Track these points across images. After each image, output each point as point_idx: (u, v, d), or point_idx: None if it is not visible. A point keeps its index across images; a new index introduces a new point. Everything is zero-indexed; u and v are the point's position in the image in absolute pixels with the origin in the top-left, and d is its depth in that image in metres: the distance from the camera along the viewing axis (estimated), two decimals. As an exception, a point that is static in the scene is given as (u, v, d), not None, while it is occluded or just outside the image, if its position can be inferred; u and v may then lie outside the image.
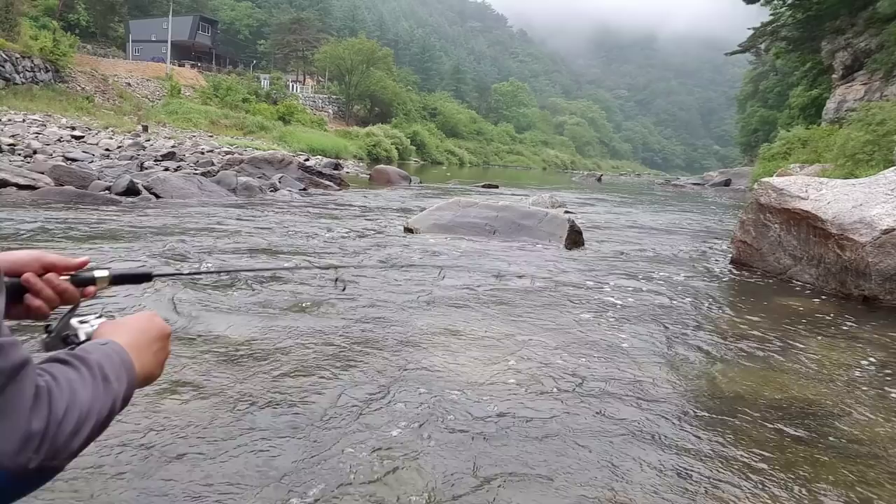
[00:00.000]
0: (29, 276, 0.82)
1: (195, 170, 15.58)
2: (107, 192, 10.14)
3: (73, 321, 0.83)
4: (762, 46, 41.03)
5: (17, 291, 0.81)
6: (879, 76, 26.26)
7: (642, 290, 5.52)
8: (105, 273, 0.90)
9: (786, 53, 38.55)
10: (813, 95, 35.40)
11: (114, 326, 0.80)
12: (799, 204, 5.94)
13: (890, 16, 24.72)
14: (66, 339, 0.81)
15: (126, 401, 0.70)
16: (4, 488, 0.51)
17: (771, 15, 36.54)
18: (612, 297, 5.22)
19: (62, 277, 0.85)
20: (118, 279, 0.93)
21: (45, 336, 0.83)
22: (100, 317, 0.86)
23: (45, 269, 0.84)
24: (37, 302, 0.82)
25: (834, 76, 31.01)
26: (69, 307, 0.86)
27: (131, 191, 10.34)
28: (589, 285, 5.63)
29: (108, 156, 18.34)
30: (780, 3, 34.96)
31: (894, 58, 24.72)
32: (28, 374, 0.53)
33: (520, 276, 5.77)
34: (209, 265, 5.45)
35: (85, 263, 0.89)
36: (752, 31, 39.13)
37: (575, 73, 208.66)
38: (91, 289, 0.88)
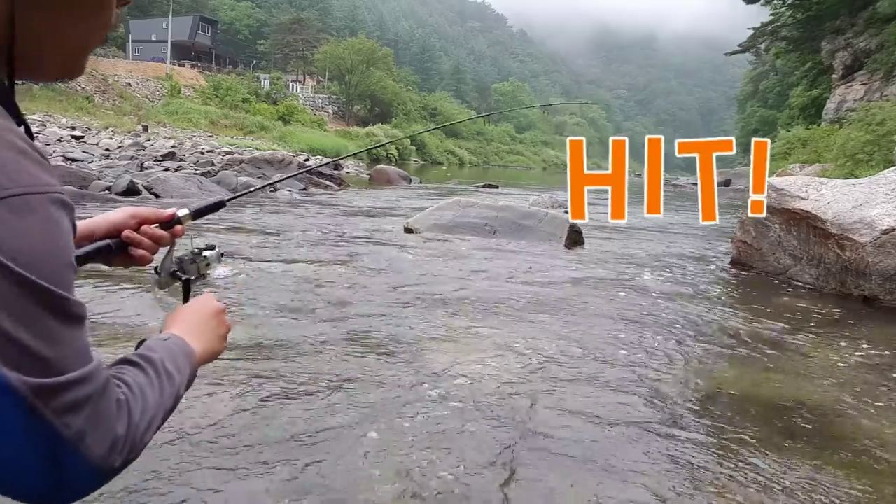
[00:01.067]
0: (127, 232, 0.95)
1: (195, 170, 15.59)
2: (107, 192, 10.15)
3: (187, 256, 1.05)
4: (762, 46, 41.06)
5: (121, 246, 0.95)
6: (879, 76, 26.27)
7: (642, 291, 5.52)
8: (186, 211, 1.04)
9: (786, 53, 38.57)
10: (813, 95, 35.42)
11: (174, 316, 0.89)
12: (799, 204, 5.93)
13: (890, 16, 24.73)
14: (173, 273, 1.02)
15: (190, 383, 0.79)
16: (92, 484, 0.61)
17: (771, 15, 36.56)
18: (612, 296, 5.22)
19: (153, 226, 0.98)
20: (198, 213, 1.09)
21: (156, 276, 1.02)
22: (204, 249, 1.08)
23: (139, 223, 0.97)
24: (139, 252, 0.96)
25: (834, 76, 31.03)
26: (167, 248, 1.02)
27: (131, 191, 10.34)
28: (589, 285, 5.63)
29: (108, 156, 18.36)
30: (780, 3, 34.97)
31: (894, 58, 24.73)
32: (111, 388, 0.62)
33: (520, 276, 5.77)
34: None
35: (173, 215, 1.02)
36: (752, 31, 39.15)
37: (575, 73, 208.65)
38: (179, 228, 1.02)
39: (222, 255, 1.11)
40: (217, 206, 1.15)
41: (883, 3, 25.12)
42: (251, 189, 1.53)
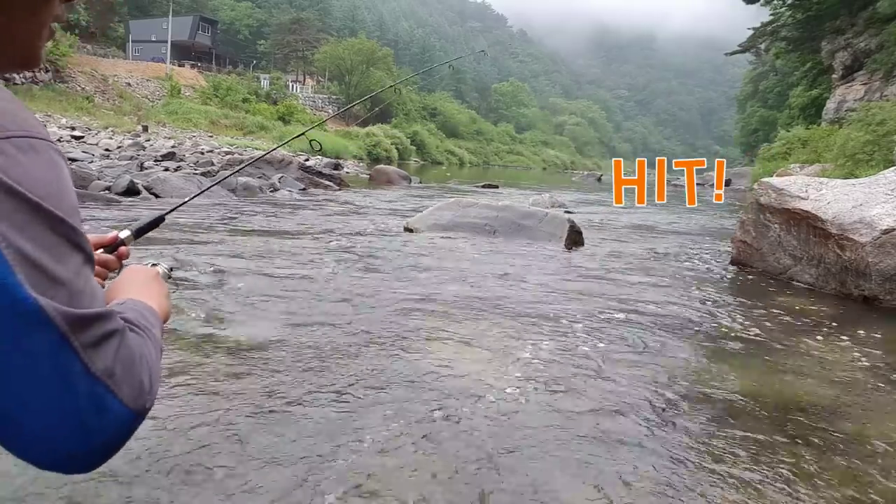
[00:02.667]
0: None
1: (195, 170, 15.58)
2: (107, 191, 10.15)
3: None
4: (762, 46, 41.06)
5: None
6: (879, 76, 26.27)
7: (642, 290, 5.52)
8: (128, 232, 1.06)
9: (786, 53, 38.57)
10: (813, 95, 35.41)
11: (118, 288, 0.85)
12: (799, 204, 5.93)
13: (890, 16, 24.73)
14: None
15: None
16: (123, 430, 0.59)
17: (771, 15, 36.56)
18: (612, 296, 5.21)
19: (99, 251, 0.98)
20: (140, 232, 1.10)
21: None
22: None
23: None
24: None
25: (834, 76, 31.03)
26: (116, 272, 1.01)
27: (131, 191, 10.34)
28: (588, 285, 5.63)
29: (107, 156, 18.36)
30: (780, 3, 34.97)
31: (894, 58, 24.73)
32: (128, 331, 0.62)
33: (520, 276, 5.77)
34: (207, 262, 5.45)
35: (115, 238, 1.03)
36: (751, 32, 39.15)
37: (575, 73, 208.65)
38: (123, 249, 1.02)
39: (171, 271, 1.07)
40: (156, 221, 1.17)
41: (883, 3, 25.11)
42: (187, 198, 1.50)
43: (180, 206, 1.44)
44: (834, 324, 4.69)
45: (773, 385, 3.32)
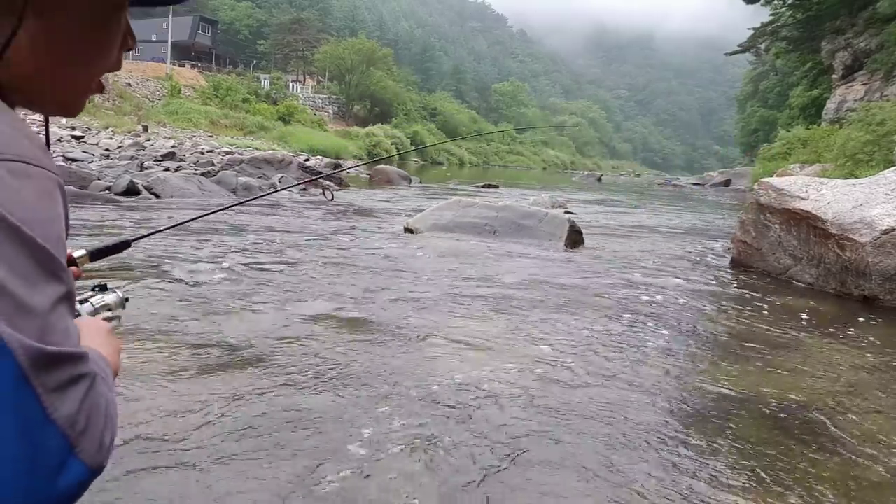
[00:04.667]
0: None
1: (195, 170, 15.58)
2: (107, 191, 10.15)
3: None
4: (762, 46, 41.03)
5: None
6: (879, 76, 26.25)
7: (642, 290, 5.52)
8: (83, 252, 0.93)
9: (786, 53, 38.54)
10: (813, 95, 35.40)
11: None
12: (799, 204, 5.94)
13: (890, 16, 24.72)
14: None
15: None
16: (78, 487, 0.52)
17: (771, 15, 36.54)
18: (612, 296, 5.22)
19: None
20: (98, 254, 0.97)
21: None
22: (93, 290, 0.90)
23: None
24: None
25: (834, 76, 31.02)
26: None
27: (131, 191, 10.34)
28: (589, 285, 5.63)
29: (108, 156, 18.36)
30: (781, 3, 34.96)
31: (894, 58, 24.71)
32: (100, 379, 0.56)
33: (520, 276, 5.77)
34: (206, 262, 5.45)
35: (68, 257, 0.90)
36: (752, 31, 39.15)
37: (575, 72, 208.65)
38: (74, 270, 0.89)
39: (125, 301, 0.94)
40: (121, 246, 1.04)
41: (883, 3, 25.10)
42: (161, 229, 1.40)
43: (151, 234, 1.35)
44: (834, 324, 4.70)
45: (773, 384, 3.32)
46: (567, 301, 4.96)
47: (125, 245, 1.05)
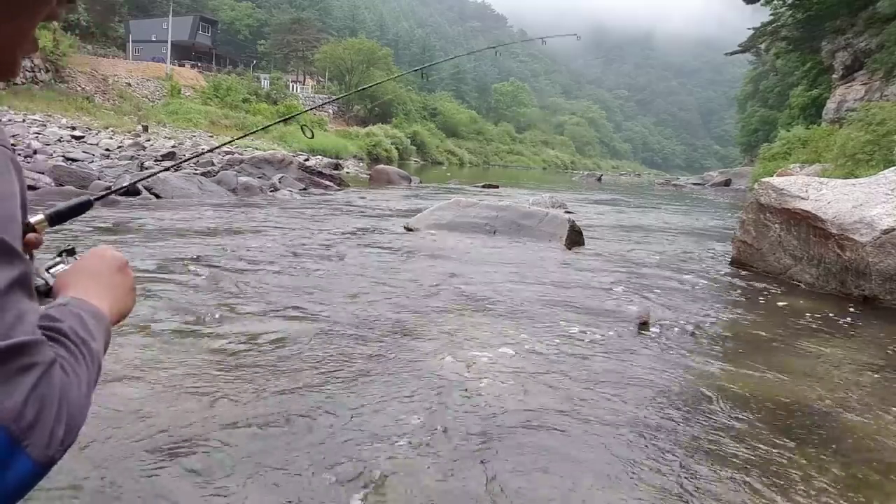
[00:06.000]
0: None
1: (195, 170, 15.57)
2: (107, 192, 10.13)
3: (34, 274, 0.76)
4: (762, 46, 41.04)
5: None
6: (879, 76, 26.25)
7: (642, 290, 5.52)
8: (41, 216, 0.86)
9: (786, 53, 38.56)
10: (813, 95, 35.39)
11: (71, 277, 0.74)
12: (799, 204, 5.94)
13: (890, 16, 24.72)
14: (38, 290, 0.74)
15: (106, 347, 0.67)
16: (25, 482, 0.50)
17: (771, 15, 36.55)
18: (612, 296, 5.22)
19: None
20: (58, 216, 0.90)
21: None
22: (60, 255, 0.82)
23: None
24: None
25: (834, 76, 31.03)
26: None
27: (131, 191, 10.33)
28: (589, 285, 5.63)
29: (108, 156, 18.35)
30: (781, 2, 34.96)
31: (894, 58, 24.71)
32: (57, 369, 0.53)
33: (519, 276, 5.77)
34: (207, 262, 5.45)
35: (25, 223, 0.86)
36: (752, 32, 39.16)
37: (575, 72, 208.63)
38: (32, 236, 0.82)
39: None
40: (83, 206, 0.95)
41: (883, 3, 25.11)
42: (125, 184, 1.30)
43: (114, 192, 1.26)
44: (834, 324, 4.70)
45: (773, 384, 3.33)
46: (566, 301, 4.96)
47: (87, 205, 0.96)
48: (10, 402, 0.47)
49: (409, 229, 8.26)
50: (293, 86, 60.49)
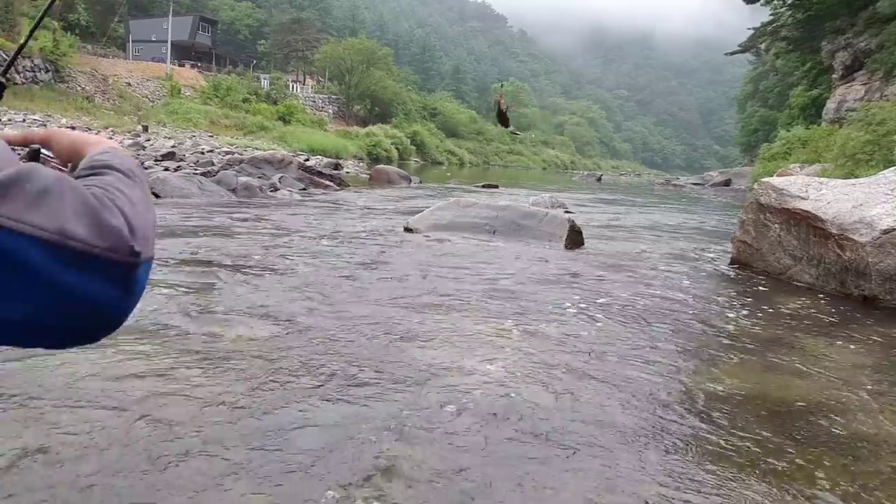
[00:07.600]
0: None
1: (195, 170, 15.56)
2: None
3: None
4: (762, 46, 41.06)
5: None
6: (879, 76, 26.25)
7: (642, 290, 5.52)
8: None
9: (786, 53, 38.57)
10: (813, 95, 35.40)
11: (86, 140, 0.75)
12: (799, 204, 5.94)
13: (890, 16, 24.73)
14: None
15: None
16: (140, 280, 0.54)
17: (771, 15, 36.55)
18: (611, 296, 5.22)
19: None
20: None
21: None
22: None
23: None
24: None
25: (834, 76, 31.03)
26: None
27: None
28: (589, 285, 5.63)
29: (108, 156, 18.30)
30: (780, 2, 34.96)
31: (894, 58, 24.71)
32: (70, 182, 0.53)
33: (519, 276, 5.77)
34: (207, 262, 5.45)
35: None
36: (751, 31, 39.17)
37: (575, 72, 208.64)
38: None
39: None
40: None
41: (883, 3, 25.12)
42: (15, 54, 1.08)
43: (12, 60, 1.12)
44: (834, 324, 4.70)
45: (773, 384, 3.33)
46: (566, 301, 4.96)
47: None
48: (38, 221, 0.49)
49: (408, 229, 8.26)
50: (293, 86, 60.48)
